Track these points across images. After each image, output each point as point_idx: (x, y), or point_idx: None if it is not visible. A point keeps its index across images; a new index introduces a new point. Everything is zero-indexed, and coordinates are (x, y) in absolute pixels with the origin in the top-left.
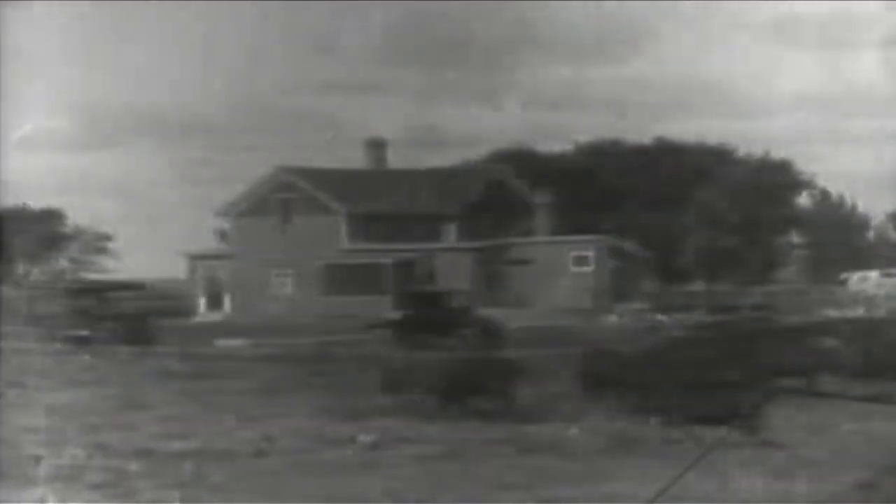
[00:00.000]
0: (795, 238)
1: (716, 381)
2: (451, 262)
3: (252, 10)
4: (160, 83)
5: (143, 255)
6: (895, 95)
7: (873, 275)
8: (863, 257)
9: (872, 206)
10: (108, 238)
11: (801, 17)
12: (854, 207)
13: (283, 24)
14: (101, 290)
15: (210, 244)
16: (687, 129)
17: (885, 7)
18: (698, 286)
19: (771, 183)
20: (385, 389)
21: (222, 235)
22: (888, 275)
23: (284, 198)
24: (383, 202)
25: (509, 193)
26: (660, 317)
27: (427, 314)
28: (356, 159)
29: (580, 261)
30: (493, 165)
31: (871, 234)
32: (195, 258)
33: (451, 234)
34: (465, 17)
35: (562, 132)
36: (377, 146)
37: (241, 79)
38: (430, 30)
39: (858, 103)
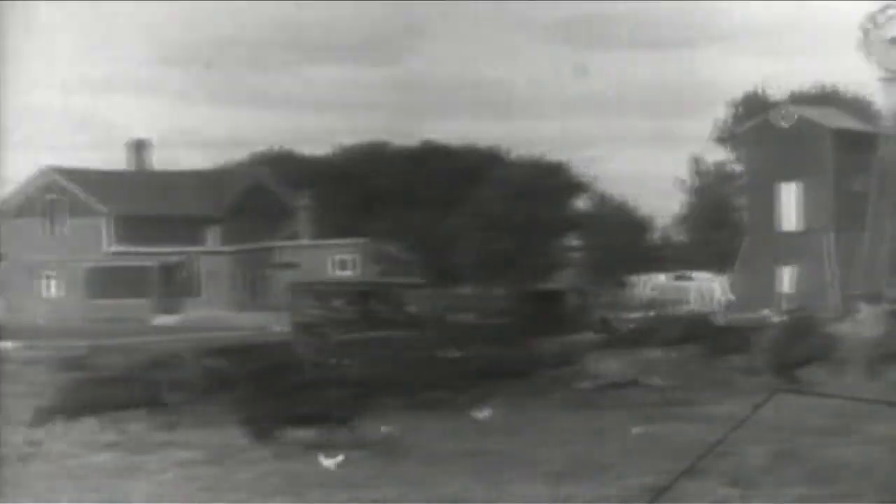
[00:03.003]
0: (573, 241)
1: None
2: (215, 266)
3: (22, 9)
4: None
5: None
6: (679, 97)
7: (661, 278)
8: (647, 259)
9: (658, 208)
10: None
11: (580, 18)
12: (636, 209)
13: (52, 23)
14: (384, 290)
15: None
16: (459, 130)
17: (666, 8)
18: (472, 289)
19: (546, 185)
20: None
21: None
22: (682, 277)
23: (51, 199)
24: (147, 204)
25: (271, 196)
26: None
27: (546, 313)
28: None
29: (343, 264)
30: (254, 168)
31: (655, 237)
32: None
33: (214, 237)
34: (231, 17)
35: (326, 134)
36: (141, 147)
37: (8, 77)
38: (194, 30)
39: (641, 105)
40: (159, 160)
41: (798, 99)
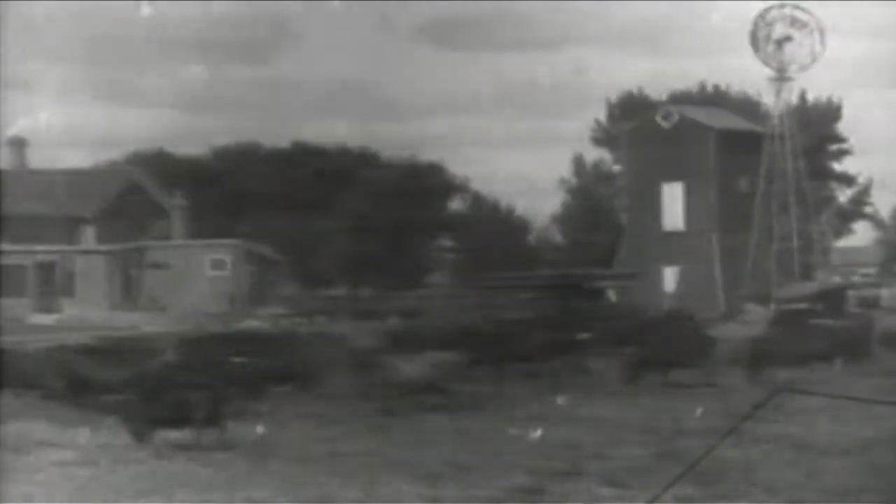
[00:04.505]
0: (446, 242)
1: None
2: (90, 265)
3: None
4: None
5: None
6: (556, 97)
7: None
8: (523, 260)
9: (537, 209)
10: None
11: (454, 18)
12: (511, 210)
13: None
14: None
15: None
16: (329, 131)
17: (546, 7)
18: (344, 290)
19: (418, 186)
20: None
21: None
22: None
23: None
24: (24, 202)
25: (146, 196)
26: (300, 321)
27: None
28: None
29: (217, 264)
30: (129, 167)
31: (532, 237)
32: None
33: (88, 236)
34: (105, 14)
35: (199, 134)
36: (17, 144)
37: None
38: (70, 27)
39: (519, 105)
40: (38, 159)
41: (682, 99)
